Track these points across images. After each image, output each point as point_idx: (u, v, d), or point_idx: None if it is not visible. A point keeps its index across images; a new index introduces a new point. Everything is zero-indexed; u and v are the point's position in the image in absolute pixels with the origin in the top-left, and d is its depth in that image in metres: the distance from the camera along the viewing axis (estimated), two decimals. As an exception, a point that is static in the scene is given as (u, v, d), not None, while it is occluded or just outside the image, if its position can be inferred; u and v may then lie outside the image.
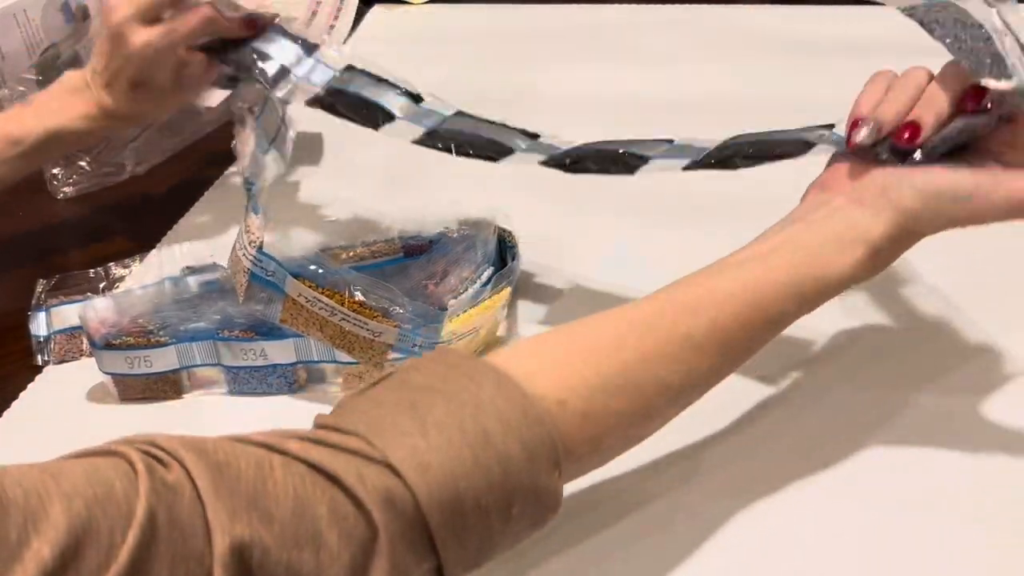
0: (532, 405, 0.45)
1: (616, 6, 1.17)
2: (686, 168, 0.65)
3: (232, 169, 0.95)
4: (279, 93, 0.73)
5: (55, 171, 0.93)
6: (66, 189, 0.93)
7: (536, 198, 0.82)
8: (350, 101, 0.71)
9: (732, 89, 0.98)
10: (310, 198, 0.86)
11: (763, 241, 0.55)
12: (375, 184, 0.85)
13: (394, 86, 0.72)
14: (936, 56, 0.55)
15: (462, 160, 0.68)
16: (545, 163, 0.67)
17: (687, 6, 1.15)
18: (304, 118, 0.94)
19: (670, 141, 0.69)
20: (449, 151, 0.68)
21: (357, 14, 1.18)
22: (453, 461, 0.42)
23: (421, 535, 0.42)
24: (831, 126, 0.63)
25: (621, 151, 0.68)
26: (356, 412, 0.45)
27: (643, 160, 0.67)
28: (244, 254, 0.63)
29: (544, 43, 1.12)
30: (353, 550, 0.40)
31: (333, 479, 0.41)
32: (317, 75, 0.73)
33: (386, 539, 0.41)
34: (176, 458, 0.39)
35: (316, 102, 0.72)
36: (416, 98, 0.73)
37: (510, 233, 0.73)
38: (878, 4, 1.09)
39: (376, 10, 1.22)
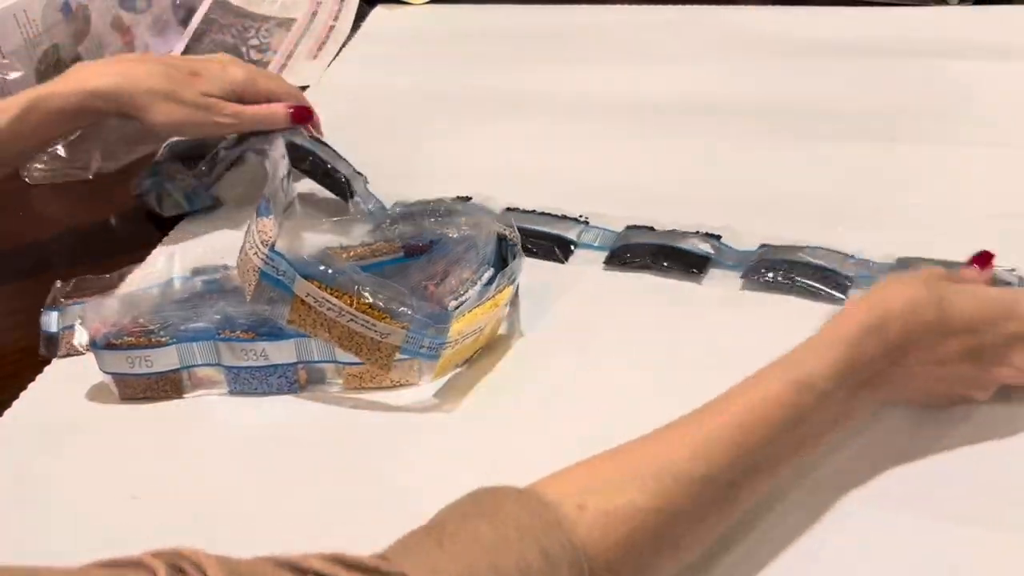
0: (548, 510, 0.45)
1: (616, 7, 1.17)
2: (607, 261, 0.76)
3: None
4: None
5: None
6: (36, 174, 0.95)
7: (537, 197, 0.82)
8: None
9: (732, 90, 0.98)
10: (310, 197, 0.86)
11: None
12: (375, 184, 0.85)
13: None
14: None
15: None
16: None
17: (687, 7, 1.15)
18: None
19: (586, 222, 0.80)
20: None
21: (357, 14, 1.19)
22: (470, 569, 0.42)
23: None
24: (718, 237, 0.73)
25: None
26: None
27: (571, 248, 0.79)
28: (255, 253, 0.63)
29: (545, 44, 1.12)
30: None
31: None
32: None
33: None
34: (200, 569, 0.39)
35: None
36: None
37: (510, 232, 0.73)
38: (878, 4, 1.10)
39: (376, 10, 1.22)
